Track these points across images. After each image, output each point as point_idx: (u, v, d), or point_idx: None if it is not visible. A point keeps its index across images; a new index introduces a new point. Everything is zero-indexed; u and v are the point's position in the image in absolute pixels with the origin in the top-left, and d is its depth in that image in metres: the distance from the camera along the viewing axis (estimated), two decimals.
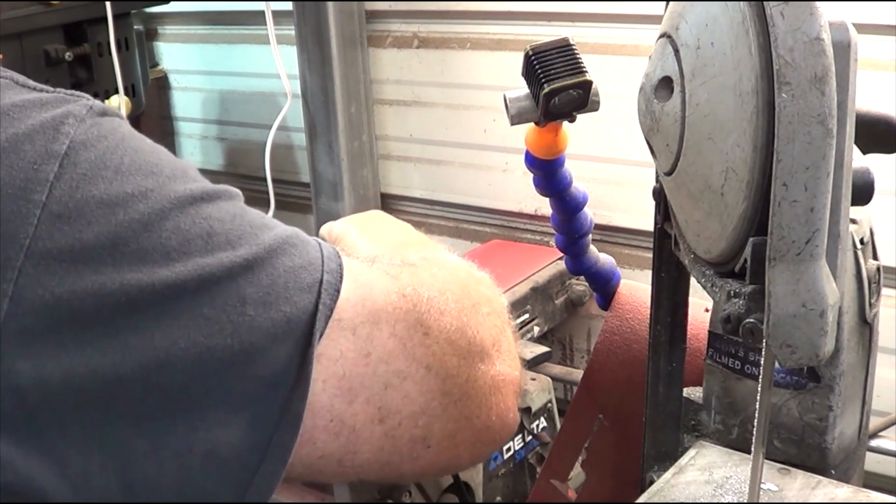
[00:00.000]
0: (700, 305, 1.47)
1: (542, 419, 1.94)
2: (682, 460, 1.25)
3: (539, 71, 1.40)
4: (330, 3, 2.38)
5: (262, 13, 2.41)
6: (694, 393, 1.40)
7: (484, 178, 2.43)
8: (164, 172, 0.82)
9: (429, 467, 0.99)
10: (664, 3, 1.11)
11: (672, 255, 1.23)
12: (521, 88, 1.47)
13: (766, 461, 1.12)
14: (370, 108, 2.53)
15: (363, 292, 0.90)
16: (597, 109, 1.47)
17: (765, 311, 0.89)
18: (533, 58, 1.41)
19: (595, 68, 1.47)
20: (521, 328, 1.98)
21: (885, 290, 1.36)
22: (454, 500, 1.71)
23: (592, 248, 1.80)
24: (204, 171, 2.76)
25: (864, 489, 1.18)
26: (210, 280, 0.78)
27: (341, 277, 0.88)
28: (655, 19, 1.12)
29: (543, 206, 2.13)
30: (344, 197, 2.50)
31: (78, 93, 0.85)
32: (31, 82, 0.85)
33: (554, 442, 1.88)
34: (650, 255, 1.31)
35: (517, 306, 1.97)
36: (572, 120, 1.48)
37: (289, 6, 2.44)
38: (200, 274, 0.78)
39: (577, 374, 1.92)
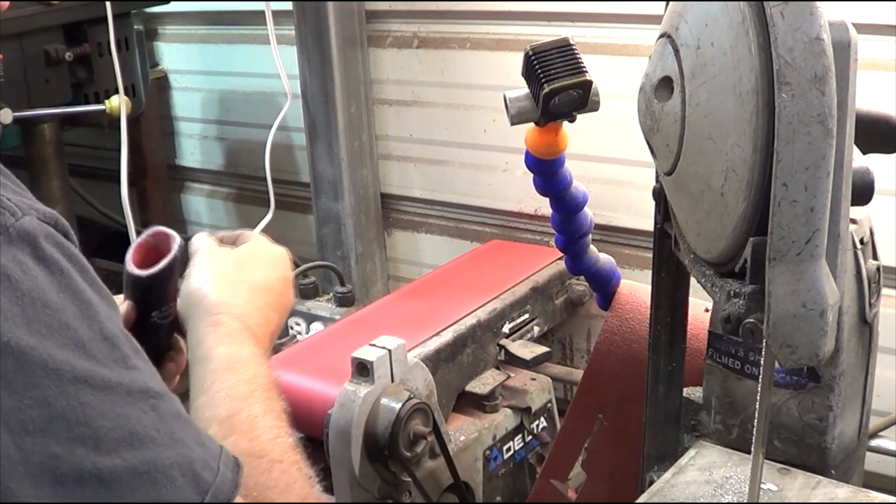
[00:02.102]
0: (700, 305, 1.47)
1: (542, 419, 1.94)
2: (682, 460, 1.25)
3: (539, 71, 1.40)
4: (330, 3, 2.38)
5: (262, 13, 2.41)
6: (694, 393, 1.40)
7: (484, 178, 2.43)
8: (57, 338, 0.75)
9: None
10: (664, 3, 1.11)
11: (672, 255, 1.23)
12: (521, 88, 1.47)
13: (766, 461, 1.12)
14: (370, 108, 2.53)
15: None
16: (597, 109, 1.47)
17: (765, 311, 0.90)
18: (533, 58, 1.41)
19: (595, 68, 1.47)
20: (520, 328, 1.98)
21: (885, 290, 1.36)
22: (454, 500, 1.71)
23: (592, 248, 1.80)
24: (204, 171, 2.74)
25: (864, 489, 1.18)
26: (53, 475, 0.72)
27: None
28: (655, 19, 1.13)
29: (543, 206, 2.13)
30: (344, 197, 2.50)
31: (13, 206, 0.77)
32: None
33: (554, 442, 1.88)
34: (650, 255, 1.31)
35: (517, 306, 1.97)
36: (572, 120, 1.48)
37: (289, 6, 2.44)
38: (45, 463, 0.72)
39: (577, 374, 1.92)
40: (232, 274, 1.13)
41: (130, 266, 1.12)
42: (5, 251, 0.74)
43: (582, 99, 1.42)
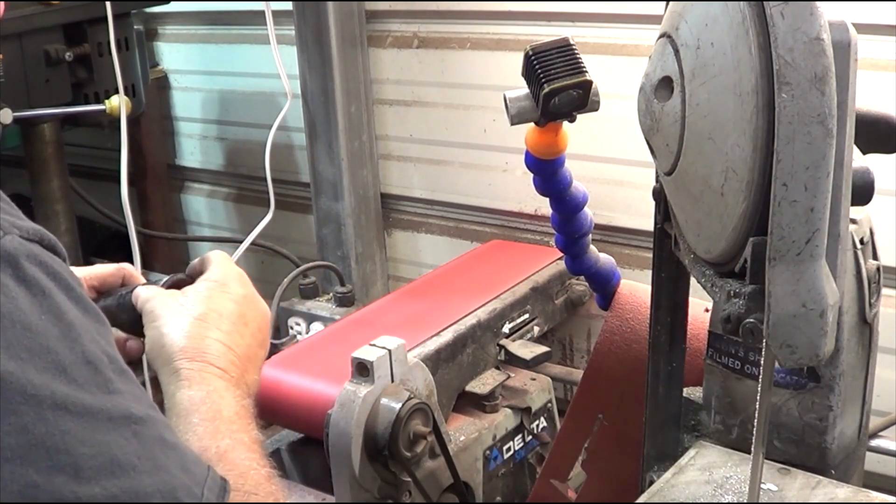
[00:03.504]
0: (700, 305, 1.47)
1: (542, 419, 1.94)
2: (682, 460, 1.25)
3: (539, 71, 1.40)
4: (330, 3, 2.38)
5: (262, 13, 2.40)
6: (694, 393, 1.40)
7: (484, 178, 2.43)
8: (37, 361, 0.73)
9: None
10: (664, 3, 1.11)
11: (672, 255, 1.23)
12: (521, 88, 1.47)
13: (766, 461, 1.12)
14: (370, 108, 2.53)
15: None
16: (597, 109, 1.47)
17: (765, 311, 0.90)
18: (533, 58, 1.41)
19: (595, 68, 1.47)
20: (520, 328, 1.98)
21: (885, 290, 1.36)
22: (454, 500, 1.71)
23: (592, 248, 1.80)
24: (204, 171, 2.73)
25: (864, 489, 1.18)
26: (32, 501, 0.70)
27: None
28: (655, 19, 1.13)
29: (543, 206, 2.13)
30: (344, 197, 2.50)
31: (7, 225, 0.76)
32: None
33: (554, 442, 1.88)
34: (650, 255, 1.31)
35: (517, 306, 1.97)
36: (572, 120, 1.49)
37: (289, 6, 2.44)
38: (23, 492, 0.70)
39: (577, 374, 1.92)
40: (184, 317, 1.11)
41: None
42: None
43: (582, 99, 1.42)
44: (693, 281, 1.21)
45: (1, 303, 0.73)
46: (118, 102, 2.20)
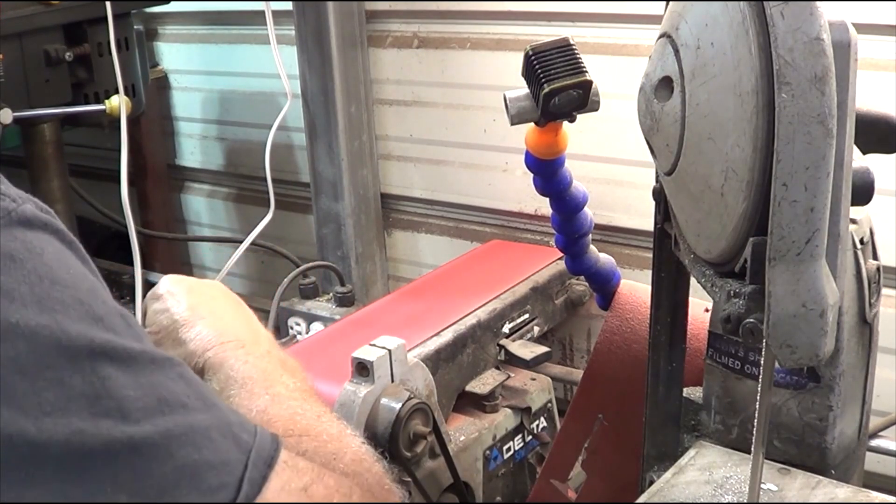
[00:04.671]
0: (700, 305, 1.47)
1: (542, 419, 1.94)
2: (682, 460, 1.25)
3: (539, 71, 1.40)
4: (330, 3, 2.38)
5: (262, 13, 2.40)
6: (694, 393, 1.40)
7: (484, 178, 2.43)
8: (71, 313, 0.71)
9: None
10: (664, 3, 1.11)
11: (672, 255, 1.23)
12: (521, 88, 1.47)
13: (766, 461, 1.12)
14: (370, 108, 2.53)
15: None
16: (597, 109, 1.47)
17: (765, 311, 0.90)
18: (533, 58, 1.41)
19: (595, 68, 1.47)
20: (520, 328, 1.98)
21: (885, 290, 1.36)
22: (454, 500, 1.71)
23: (592, 248, 1.80)
24: (204, 171, 2.74)
25: (864, 489, 1.18)
26: (79, 451, 0.68)
27: (264, 481, 0.76)
28: (655, 19, 1.13)
29: (543, 206, 2.13)
30: (344, 197, 2.50)
31: (12, 194, 0.76)
32: None
33: (554, 442, 1.88)
34: (650, 255, 1.31)
35: (517, 306, 1.97)
36: (572, 120, 1.49)
37: (289, 6, 2.44)
38: (69, 440, 0.68)
39: (577, 374, 1.92)
40: (192, 313, 1.14)
41: None
42: (6, 233, 0.72)
43: (582, 99, 1.42)
44: (693, 281, 1.21)
45: (27, 259, 0.71)
46: (118, 102, 2.20)
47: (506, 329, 1.93)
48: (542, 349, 1.88)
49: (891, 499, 1.14)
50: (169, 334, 1.14)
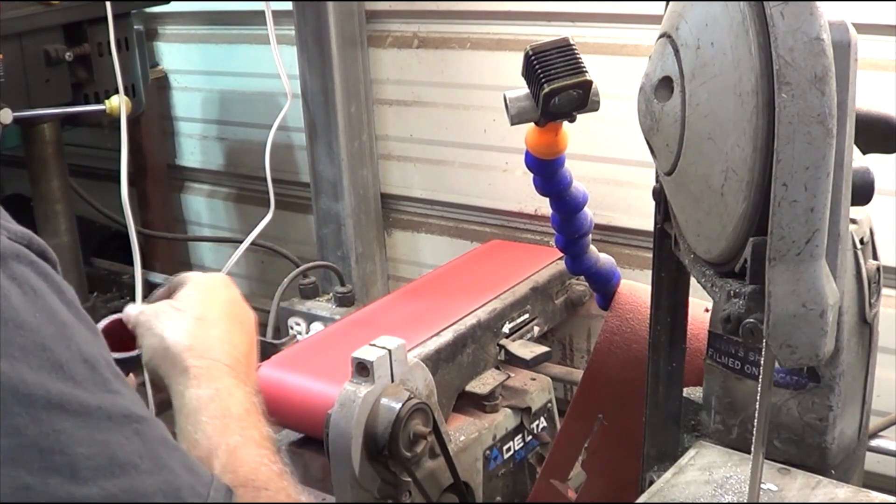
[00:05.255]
0: (700, 305, 1.47)
1: (542, 419, 1.94)
2: (682, 460, 1.25)
3: (539, 71, 1.40)
4: (330, 3, 2.38)
5: (262, 13, 2.40)
6: (694, 393, 1.40)
7: (484, 178, 2.43)
8: (31, 360, 0.70)
9: None
10: (664, 3, 1.11)
11: (672, 255, 1.23)
12: (521, 88, 1.47)
13: (766, 461, 1.12)
14: (370, 108, 2.53)
15: None
16: (597, 109, 1.47)
17: (765, 311, 0.90)
18: (533, 58, 1.41)
19: (595, 68, 1.47)
20: (520, 328, 1.98)
21: (885, 290, 1.36)
22: (454, 500, 1.71)
23: (592, 248, 1.80)
24: (204, 171, 2.73)
25: (864, 489, 1.18)
26: None
27: None
28: (655, 19, 1.13)
29: (543, 206, 2.13)
30: (344, 197, 2.50)
31: (8, 227, 0.74)
32: None
33: (554, 442, 1.88)
34: (650, 255, 1.31)
35: (517, 306, 1.97)
36: (572, 120, 1.49)
37: (289, 6, 2.44)
38: (14, 494, 0.67)
39: (577, 374, 1.92)
40: (182, 318, 1.11)
41: None
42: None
43: (582, 99, 1.42)
44: (693, 281, 1.21)
45: (14, 299, 0.70)
46: (118, 102, 2.20)
47: (506, 329, 1.93)
48: (542, 349, 1.88)
49: (891, 499, 1.14)
50: (185, 310, 1.12)
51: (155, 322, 1.12)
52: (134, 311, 1.16)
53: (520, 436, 1.90)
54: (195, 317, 1.12)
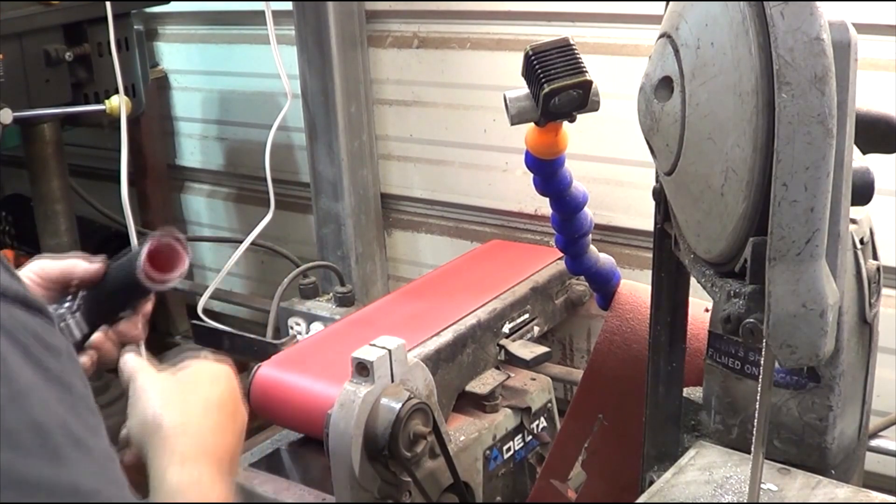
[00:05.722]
0: (700, 305, 1.47)
1: (542, 419, 1.94)
2: (682, 460, 1.25)
3: (539, 71, 1.40)
4: (330, 3, 2.38)
5: (262, 13, 2.40)
6: (694, 393, 1.40)
7: (484, 178, 2.43)
8: None
9: None
10: (664, 3, 1.11)
11: (672, 255, 1.23)
12: (521, 88, 1.47)
13: (766, 461, 1.12)
14: (370, 108, 2.53)
15: None
16: (597, 109, 1.47)
17: (765, 311, 0.90)
18: (533, 58, 1.41)
19: (595, 68, 1.47)
20: (520, 328, 1.98)
21: (885, 290, 1.36)
22: (454, 500, 1.71)
23: (592, 248, 1.80)
24: (204, 171, 2.73)
25: (864, 489, 1.18)
26: None
27: None
28: (655, 19, 1.13)
29: (543, 206, 2.13)
30: (344, 197, 2.50)
31: None
32: None
33: (554, 442, 1.88)
34: (650, 255, 1.31)
35: (517, 306, 1.97)
36: (572, 120, 1.49)
37: (289, 6, 2.44)
38: None
39: (577, 374, 1.92)
40: (181, 395, 1.08)
41: (143, 272, 1.12)
42: None
43: (582, 99, 1.42)
44: (693, 281, 1.21)
45: None
46: (118, 102, 2.20)
47: (506, 329, 1.93)
48: (542, 349, 1.88)
49: (891, 499, 1.14)
50: (184, 390, 1.09)
51: (155, 390, 1.09)
52: (132, 366, 1.12)
53: (520, 436, 1.90)
54: (196, 400, 1.09)
